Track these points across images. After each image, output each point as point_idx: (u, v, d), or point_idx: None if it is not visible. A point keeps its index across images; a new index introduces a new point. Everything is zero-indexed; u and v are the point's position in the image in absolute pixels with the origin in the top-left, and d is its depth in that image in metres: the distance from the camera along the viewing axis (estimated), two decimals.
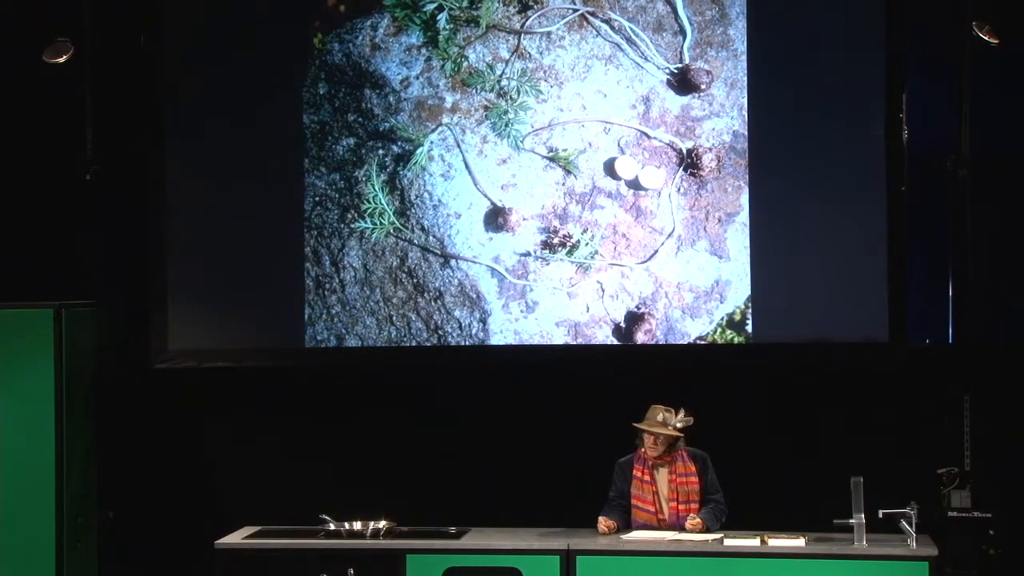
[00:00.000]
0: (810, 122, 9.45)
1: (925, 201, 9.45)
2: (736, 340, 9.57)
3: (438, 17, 9.79)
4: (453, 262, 9.80)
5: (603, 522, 8.81)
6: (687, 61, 9.60)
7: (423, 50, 9.82)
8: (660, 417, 8.78)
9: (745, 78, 9.53)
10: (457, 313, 9.79)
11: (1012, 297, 9.43)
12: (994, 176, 9.41)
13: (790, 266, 9.49)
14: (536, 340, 9.72)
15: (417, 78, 9.83)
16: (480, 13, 9.75)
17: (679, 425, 8.78)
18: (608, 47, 9.67)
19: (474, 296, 9.78)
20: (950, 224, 9.47)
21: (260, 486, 9.97)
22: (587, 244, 9.68)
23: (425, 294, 9.82)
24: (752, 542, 8.57)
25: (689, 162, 9.60)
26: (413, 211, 9.84)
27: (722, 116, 9.57)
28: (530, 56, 9.73)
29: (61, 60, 9.88)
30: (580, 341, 9.67)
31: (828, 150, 9.42)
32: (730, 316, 9.58)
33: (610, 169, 9.68)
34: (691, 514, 8.74)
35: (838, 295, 9.41)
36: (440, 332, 9.80)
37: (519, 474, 9.72)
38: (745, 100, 9.53)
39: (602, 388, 9.60)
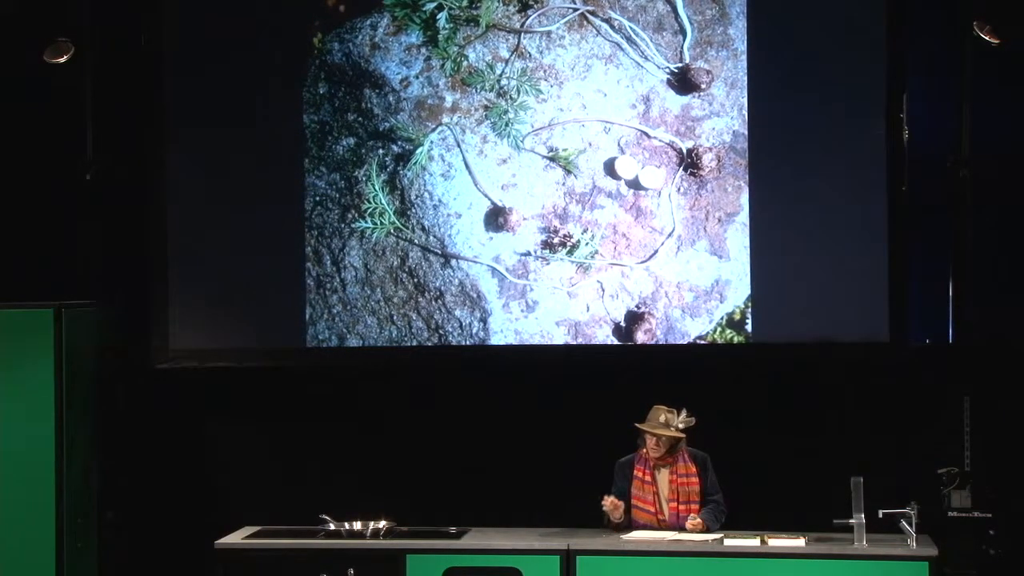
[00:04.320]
0: (810, 122, 9.44)
1: (925, 201, 9.45)
2: (736, 340, 9.57)
3: (438, 17, 9.79)
4: (453, 262, 9.80)
5: (610, 500, 8.76)
6: (687, 61, 9.60)
7: (423, 50, 9.82)
8: (662, 418, 8.78)
9: (745, 78, 9.53)
10: (457, 313, 9.79)
11: (1012, 297, 9.42)
12: (994, 176, 9.40)
13: (790, 266, 9.49)
14: (536, 340, 9.72)
15: (417, 78, 9.83)
16: (480, 12, 9.75)
17: (681, 426, 8.78)
18: (608, 46, 9.67)
19: (474, 296, 9.78)
20: (950, 224, 9.47)
21: (260, 486, 9.98)
22: (587, 244, 9.68)
23: (426, 294, 9.82)
24: (752, 542, 8.57)
25: (689, 162, 9.60)
26: (413, 211, 9.84)
27: (722, 116, 9.57)
28: (530, 55, 9.73)
29: (61, 60, 9.88)
30: (580, 341, 9.67)
31: (828, 150, 9.43)
32: (730, 316, 9.58)
33: (610, 169, 9.68)
34: (691, 514, 8.75)
35: (838, 295, 9.41)
36: (440, 332, 9.80)
37: (519, 474, 9.72)
38: (745, 100, 9.53)
39: (602, 388, 9.60)
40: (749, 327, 9.56)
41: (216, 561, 8.84)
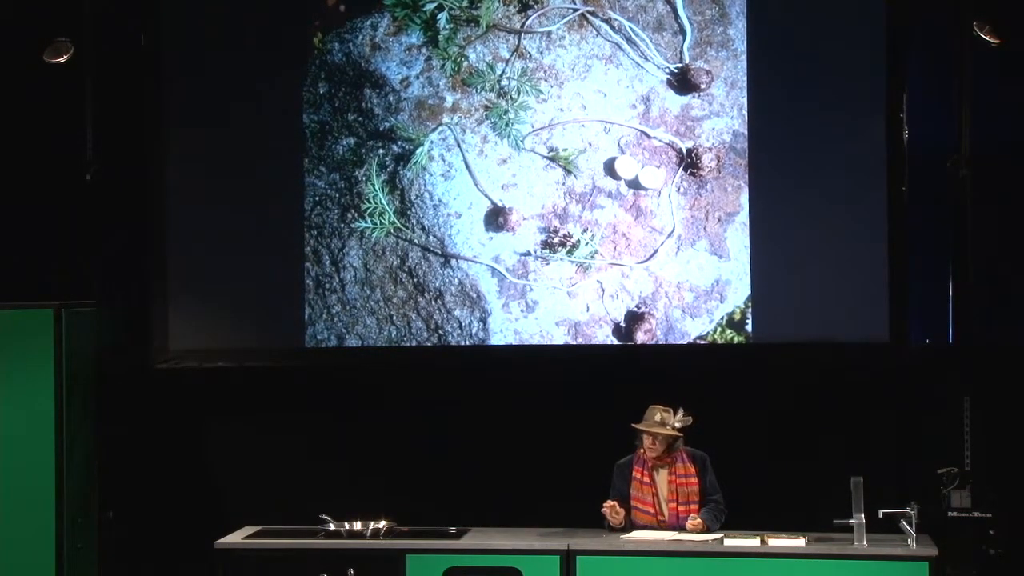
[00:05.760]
0: (810, 122, 9.45)
1: (925, 201, 9.45)
2: (736, 340, 9.57)
3: (438, 17, 9.79)
4: (453, 262, 9.80)
5: (610, 505, 8.76)
6: (687, 61, 9.60)
7: (423, 50, 9.82)
8: (658, 417, 8.78)
9: (745, 78, 9.53)
10: (457, 313, 9.79)
11: (1012, 297, 9.43)
12: (994, 176, 9.41)
13: (790, 266, 9.49)
14: (536, 340, 9.72)
15: (417, 78, 9.83)
16: (480, 13, 9.76)
17: (678, 425, 8.77)
18: (608, 47, 9.67)
19: (474, 296, 9.78)
20: (950, 224, 9.47)
21: (260, 486, 9.97)
22: (587, 244, 9.68)
23: (425, 294, 9.82)
24: (752, 542, 8.57)
25: (689, 162, 9.60)
26: (413, 211, 9.84)
27: (722, 116, 9.57)
28: (530, 56, 9.73)
29: (61, 60, 9.87)
30: (580, 341, 9.67)
31: (828, 150, 9.43)
32: (730, 316, 9.58)
33: (610, 169, 9.68)
34: (691, 514, 8.74)
35: (838, 295, 9.41)
36: (440, 332, 9.80)
37: (519, 474, 9.72)
38: (745, 100, 9.53)
39: (602, 388, 9.60)
40: (749, 327, 9.56)
41: (216, 561, 8.84)
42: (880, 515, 8.49)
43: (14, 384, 9.58)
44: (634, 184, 9.67)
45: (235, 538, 8.98)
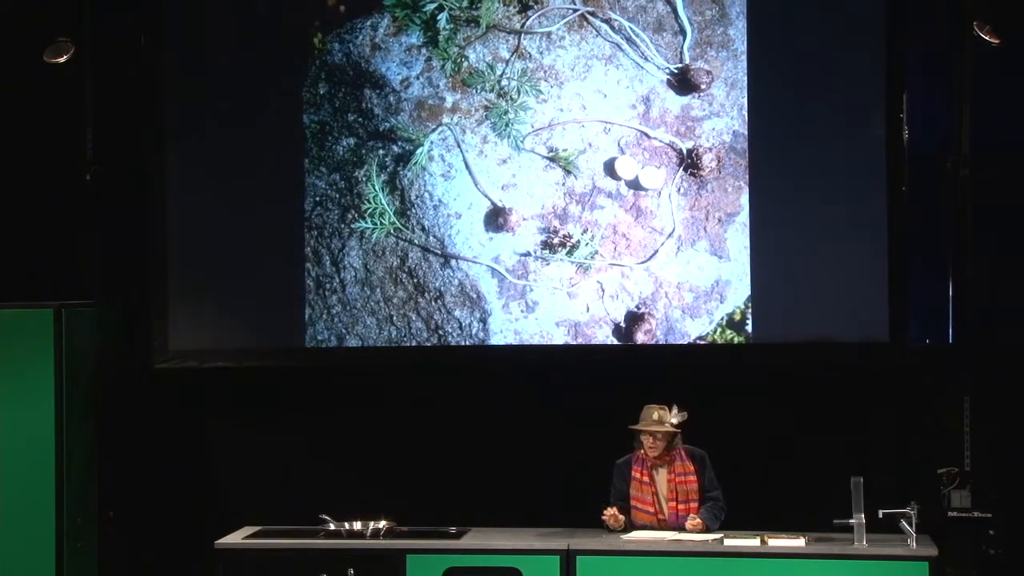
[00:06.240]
0: (810, 122, 9.44)
1: (925, 201, 9.45)
2: (736, 340, 9.56)
3: (438, 17, 9.79)
4: (453, 262, 9.80)
5: (610, 513, 8.77)
6: (687, 61, 9.60)
7: (423, 50, 9.83)
8: (655, 415, 8.77)
9: (745, 78, 9.53)
10: (457, 313, 9.79)
11: (1012, 297, 9.43)
12: (994, 176, 9.41)
13: (790, 266, 9.49)
14: (536, 340, 9.72)
15: (417, 78, 9.83)
16: (480, 13, 9.76)
17: (675, 421, 8.77)
18: (608, 47, 9.68)
19: (474, 296, 9.78)
20: (950, 224, 9.48)
21: (260, 486, 9.98)
22: (587, 244, 9.68)
23: (425, 294, 9.82)
24: (752, 542, 8.57)
25: (689, 162, 9.60)
26: (413, 211, 9.84)
27: (722, 116, 9.57)
28: (530, 56, 9.73)
29: (61, 60, 9.88)
30: (580, 341, 9.67)
31: (828, 150, 9.42)
32: (730, 316, 9.58)
33: (610, 169, 9.68)
34: (691, 514, 8.74)
35: (838, 295, 9.41)
36: (440, 332, 9.80)
37: (519, 474, 9.72)
38: (745, 100, 9.53)
39: (602, 388, 9.60)
40: (749, 327, 9.55)
41: (216, 561, 8.84)
42: (880, 515, 8.48)
43: (14, 384, 9.57)
44: (634, 184, 9.67)
45: (235, 538, 8.98)
